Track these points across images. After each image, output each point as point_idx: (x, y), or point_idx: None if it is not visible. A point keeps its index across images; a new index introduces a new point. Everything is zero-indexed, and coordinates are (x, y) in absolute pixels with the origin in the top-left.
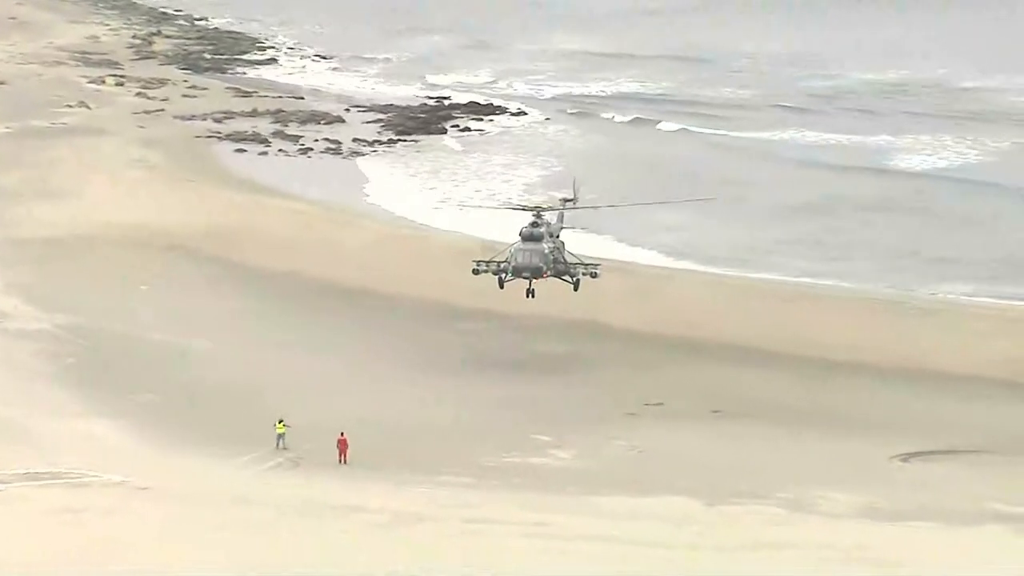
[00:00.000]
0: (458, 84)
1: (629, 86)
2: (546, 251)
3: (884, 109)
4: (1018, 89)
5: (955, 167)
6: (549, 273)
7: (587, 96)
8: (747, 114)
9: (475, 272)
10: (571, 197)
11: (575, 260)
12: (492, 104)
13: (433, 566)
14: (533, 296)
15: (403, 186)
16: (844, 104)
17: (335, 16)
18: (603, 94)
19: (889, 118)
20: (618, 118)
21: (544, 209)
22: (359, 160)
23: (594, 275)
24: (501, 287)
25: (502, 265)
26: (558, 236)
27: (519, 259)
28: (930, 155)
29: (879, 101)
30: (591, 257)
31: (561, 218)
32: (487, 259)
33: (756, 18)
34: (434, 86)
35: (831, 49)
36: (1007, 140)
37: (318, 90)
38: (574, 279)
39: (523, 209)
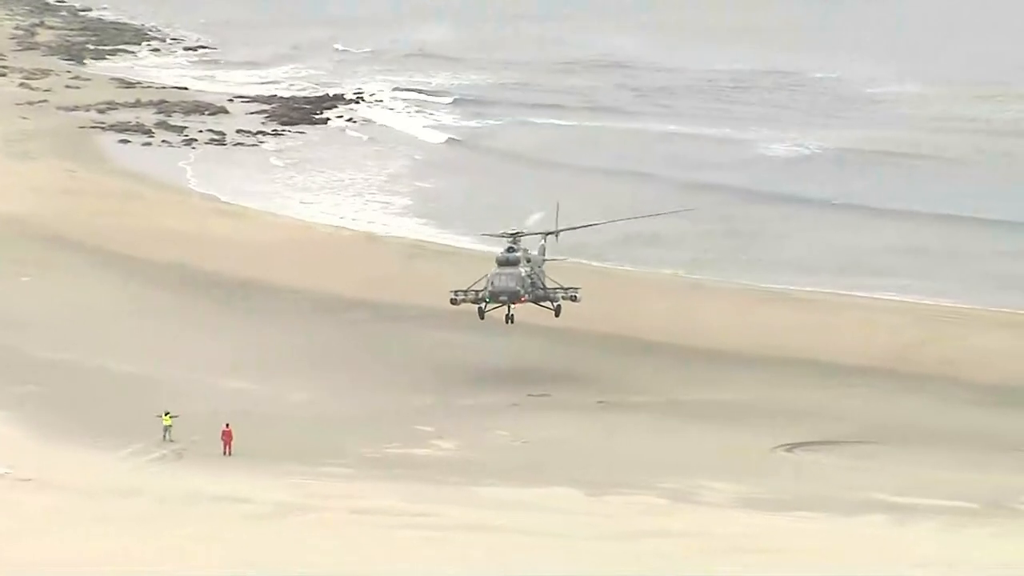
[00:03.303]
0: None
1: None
2: (523, 274)
3: (742, 100)
4: (870, 79)
5: (819, 155)
6: (527, 297)
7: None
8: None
9: (453, 303)
10: (552, 230)
11: (554, 285)
12: (374, 96)
13: (316, 556)
14: (512, 321)
15: (282, 177)
16: (702, 96)
17: (221, 8)
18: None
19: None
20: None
21: (522, 235)
22: (240, 151)
23: (574, 298)
24: (481, 317)
25: (480, 294)
26: (541, 267)
27: (496, 283)
28: (783, 143)
29: (738, 92)
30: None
31: (543, 251)
32: (464, 289)
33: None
34: (307, 78)
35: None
36: (867, 130)
37: (201, 81)
38: (555, 304)
39: (500, 235)
